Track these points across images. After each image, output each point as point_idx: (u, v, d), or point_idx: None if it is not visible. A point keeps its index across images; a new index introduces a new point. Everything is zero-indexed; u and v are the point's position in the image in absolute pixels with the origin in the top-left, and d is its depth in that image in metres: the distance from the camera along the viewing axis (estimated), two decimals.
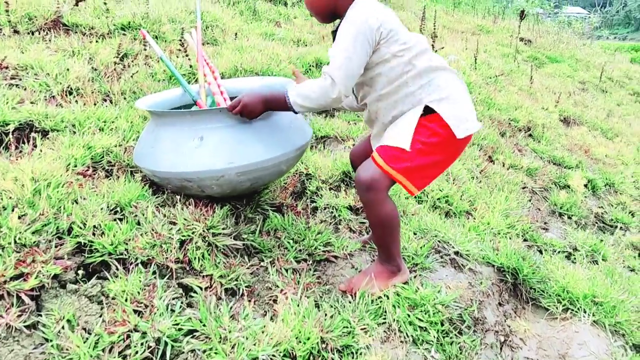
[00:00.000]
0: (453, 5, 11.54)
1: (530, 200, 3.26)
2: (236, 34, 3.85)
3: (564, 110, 5.62)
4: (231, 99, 2.26)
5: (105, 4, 3.34)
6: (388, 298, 1.78)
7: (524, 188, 3.37)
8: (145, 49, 3.03)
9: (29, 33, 3.01)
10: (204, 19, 3.91)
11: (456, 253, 2.22)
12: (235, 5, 4.90)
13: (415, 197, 2.68)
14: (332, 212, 2.33)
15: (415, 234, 2.29)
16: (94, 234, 1.66)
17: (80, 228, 1.66)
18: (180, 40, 3.13)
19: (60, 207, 1.71)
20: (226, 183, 1.78)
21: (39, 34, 3.00)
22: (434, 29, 5.35)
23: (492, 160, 3.66)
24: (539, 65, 8.48)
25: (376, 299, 1.78)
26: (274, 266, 1.86)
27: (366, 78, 1.71)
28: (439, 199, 2.71)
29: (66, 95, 2.49)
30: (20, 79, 2.52)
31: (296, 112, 1.68)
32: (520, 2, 18.04)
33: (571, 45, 11.81)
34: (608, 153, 4.84)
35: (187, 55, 2.99)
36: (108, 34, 3.29)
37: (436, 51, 4.55)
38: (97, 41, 3.14)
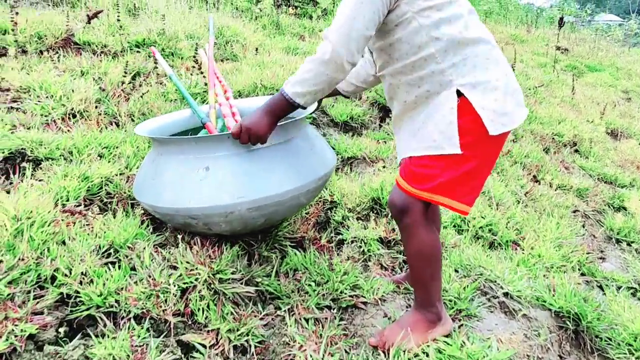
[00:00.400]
0: (485, 16, 11.16)
1: (583, 226, 2.91)
2: (257, 49, 3.62)
3: (611, 122, 5.20)
4: None
5: (118, 20, 3.16)
6: (428, 356, 1.48)
7: (575, 212, 3.01)
8: (156, 67, 2.82)
9: (37, 53, 2.84)
10: (223, 34, 3.71)
11: (506, 294, 1.90)
12: (258, 19, 4.70)
13: (454, 226, 2.37)
14: (360, 247, 2.05)
15: (456, 271, 1.99)
16: (80, 283, 1.42)
17: (66, 276, 1.42)
18: (194, 57, 2.92)
19: (44, 250, 1.48)
20: (236, 220, 1.53)
21: (48, 53, 2.83)
22: None
23: (537, 181, 3.32)
24: (579, 75, 8.04)
25: (413, 357, 1.49)
26: (292, 315, 1.59)
27: (384, 43, 1.39)
28: (481, 227, 2.40)
29: (69, 118, 2.29)
30: (22, 102, 2.34)
31: (304, 107, 1.38)
32: (554, 11, 17.57)
33: (610, 53, 11.29)
34: None
35: (202, 73, 2.78)
36: (121, 52, 3.11)
37: None
38: (109, 60, 2.95)
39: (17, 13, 2.82)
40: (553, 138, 4.12)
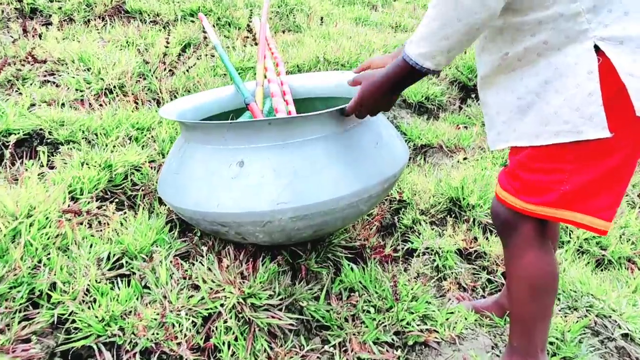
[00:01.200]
0: None
1: None
2: (322, 18, 3.25)
3: None
4: (296, 102, 1.66)
5: None
6: None
7: None
8: (207, 37, 2.52)
9: (85, 22, 2.61)
10: (286, 2, 3.35)
11: (625, 336, 1.46)
12: None
13: None
14: (433, 260, 1.66)
15: (558, 299, 1.56)
16: (81, 302, 1.14)
17: (64, 292, 1.15)
18: (248, 26, 2.60)
19: (42, 258, 1.20)
20: (276, 230, 1.18)
21: (95, 22, 2.59)
22: None
23: None
24: None
25: None
26: (344, 352, 1.24)
27: None
28: (586, 239, 1.93)
29: (105, 94, 2.03)
30: (58, 75, 2.10)
31: (434, 72, 0.97)
32: None
33: None
34: None
35: (256, 44, 2.44)
36: (174, 21, 2.83)
37: None
38: (160, 29, 2.68)
39: None
40: None
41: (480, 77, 1.09)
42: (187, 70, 2.24)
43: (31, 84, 2.01)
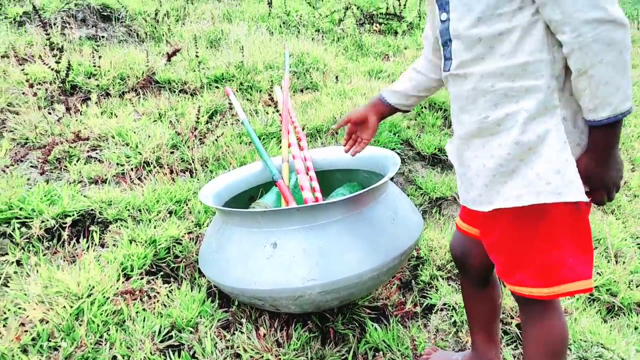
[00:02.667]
0: None
1: None
2: (337, 77, 3.45)
3: None
4: (319, 174, 1.84)
5: (197, 56, 3.12)
6: None
7: None
8: (231, 107, 2.73)
9: (120, 95, 2.85)
10: (303, 62, 3.57)
11: None
12: (340, 41, 4.53)
13: None
14: (451, 316, 1.79)
15: (569, 349, 1.67)
16: None
17: None
18: (270, 89, 2.80)
19: (103, 334, 1.37)
20: (307, 303, 1.34)
21: (130, 94, 2.83)
22: None
23: None
24: None
25: None
26: None
27: (492, 31, 1.01)
28: (597, 287, 2.04)
29: (143, 167, 2.23)
30: (100, 151, 2.32)
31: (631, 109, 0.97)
32: None
33: None
34: None
35: (277, 110, 2.64)
36: (200, 88, 3.06)
37: None
38: (187, 99, 2.90)
39: (100, 57, 2.84)
40: None
41: (458, 137, 1.15)
42: (216, 140, 2.44)
43: (77, 161, 2.22)
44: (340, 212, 1.32)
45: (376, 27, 5.20)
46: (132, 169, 2.20)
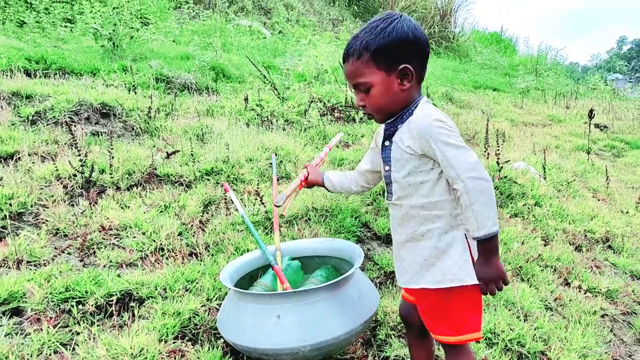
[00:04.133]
0: (521, 96, 11.58)
1: (611, 331, 3.15)
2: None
3: None
4: (302, 258, 2.48)
5: (192, 154, 3.76)
6: None
7: (603, 316, 3.26)
8: (226, 196, 3.35)
9: (128, 189, 3.43)
10: (278, 154, 4.26)
11: None
12: (307, 130, 5.28)
13: (485, 339, 2.69)
14: None
15: None
16: None
17: None
18: (252, 182, 3.44)
19: None
20: (301, 357, 1.94)
21: (137, 188, 3.42)
22: (498, 144, 5.41)
23: (568, 283, 3.59)
24: (618, 154, 8.25)
25: None
26: None
27: (417, 180, 1.68)
28: (510, 340, 2.70)
29: (159, 252, 2.80)
30: (120, 239, 2.88)
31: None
32: (595, 80, 17.81)
33: None
34: None
35: (262, 203, 3.28)
36: (194, 180, 3.67)
37: (501, 167, 4.62)
38: (184, 190, 3.52)
39: (112, 157, 3.45)
40: (585, 235, 4.39)
41: (395, 241, 1.81)
42: (215, 228, 3.05)
43: (105, 248, 2.78)
44: (324, 293, 1.96)
45: (338, 113, 6.00)
46: (150, 254, 2.77)
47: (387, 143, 1.76)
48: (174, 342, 2.15)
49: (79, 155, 3.30)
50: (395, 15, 1.63)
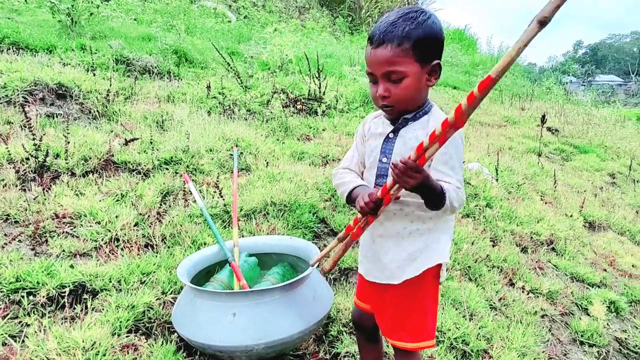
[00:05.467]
0: None
1: (550, 330, 3.33)
2: (267, 162, 4.16)
3: (589, 214, 5.68)
4: (260, 255, 2.52)
5: (151, 142, 3.72)
6: None
7: (543, 316, 3.44)
8: (185, 187, 3.34)
9: (83, 175, 3.37)
10: (239, 145, 4.26)
11: None
12: (269, 122, 5.28)
13: None
14: None
15: None
16: None
17: None
18: (212, 173, 3.44)
19: None
20: (254, 355, 1.98)
21: (93, 175, 3.36)
22: None
23: (512, 284, 3.76)
24: (567, 158, 8.60)
25: None
26: None
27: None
28: (455, 338, 2.83)
29: (114, 243, 2.78)
30: (75, 227, 2.84)
31: (441, 208, 1.58)
32: (550, 83, 18.45)
33: (601, 128, 11.87)
34: (635, 263, 4.84)
35: (221, 195, 3.29)
36: (153, 169, 3.64)
37: None
38: (141, 178, 3.48)
39: (68, 142, 3.37)
40: (531, 237, 4.59)
41: (375, 235, 1.75)
42: (172, 219, 3.04)
43: (58, 237, 2.73)
44: (280, 293, 2.00)
45: (300, 105, 6.01)
46: (105, 244, 2.75)
47: (391, 135, 1.72)
48: (127, 336, 2.15)
49: (33, 138, 3.22)
50: (428, 10, 1.60)
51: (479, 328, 2.96)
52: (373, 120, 1.84)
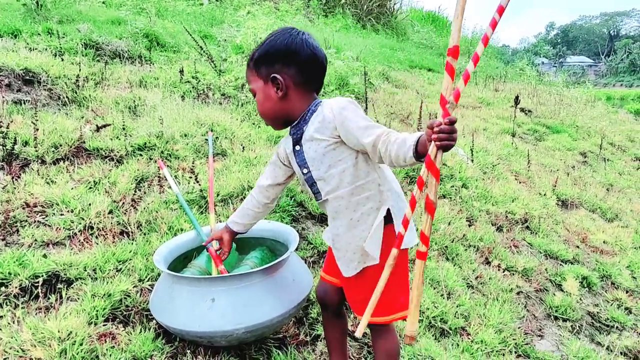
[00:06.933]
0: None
1: (525, 307, 3.40)
2: (243, 147, 4.11)
3: (562, 192, 5.80)
4: (239, 240, 2.49)
5: (124, 128, 3.64)
6: None
7: (519, 293, 3.51)
8: (159, 173, 3.29)
9: (54, 163, 3.29)
10: (214, 130, 4.20)
11: None
12: (244, 106, 5.21)
13: None
14: None
15: None
16: None
17: None
18: (187, 158, 3.38)
19: None
20: (234, 340, 1.97)
21: (64, 162, 3.28)
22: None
23: (489, 262, 3.82)
24: (540, 138, 8.72)
25: None
26: None
27: (339, 169, 1.73)
28: (434, 317, 2.86)
29: (88, 231, 2.72)
30: (47, 216, 2.77)
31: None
32: (523, 64, 18.64)
33: (573, 108, 12.05)
34: (606, 239, 4.97)
35: (197, 181, 3.24)
36: (126, 155, 3.56)
37: None
38: (115, 165, 3.41)
39: (37, 129, 3.28)
40: (506, 216, 4.66)
41: (337, 235, 1.82)
42: (148, 206, 2.99)
43: (30, 226, 2.66)
44: (259, 277, 1.99)
45: None
46: (79, 232, 2.69)
47: (297, 147, 1.80)
48: (104, 325, 2.12)
49: (0, 125, 3.11)
50: (283, 29, 1.76)
51: (457, 306, 3.01)
52: (281, 144, 1.92)
